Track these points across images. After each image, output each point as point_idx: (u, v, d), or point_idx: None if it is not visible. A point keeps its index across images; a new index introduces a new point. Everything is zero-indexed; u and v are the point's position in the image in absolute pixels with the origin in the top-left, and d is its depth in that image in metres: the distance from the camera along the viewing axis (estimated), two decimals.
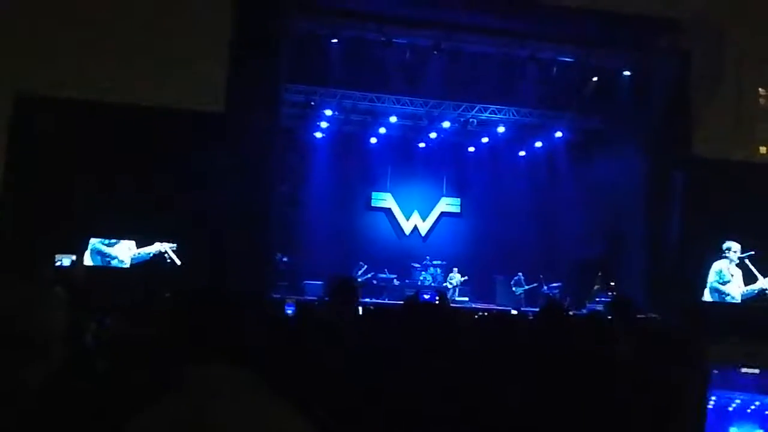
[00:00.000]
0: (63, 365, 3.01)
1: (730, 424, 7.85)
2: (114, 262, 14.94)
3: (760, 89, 65.06)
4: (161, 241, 15.06)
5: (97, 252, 14.91)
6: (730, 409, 8.83)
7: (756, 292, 17.04)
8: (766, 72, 63.89)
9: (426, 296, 7.60)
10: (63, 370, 2.98)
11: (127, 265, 14.98)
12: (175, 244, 15.07)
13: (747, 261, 16.94)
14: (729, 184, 16.10)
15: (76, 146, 14.25)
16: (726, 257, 17.05)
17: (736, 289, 17.04)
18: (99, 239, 14.96)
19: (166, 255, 15.01)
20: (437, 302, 5.41)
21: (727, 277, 17.05)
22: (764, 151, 63.00)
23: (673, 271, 16.00)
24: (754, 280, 17.03)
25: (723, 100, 17.82)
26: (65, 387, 2.69)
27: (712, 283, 17.03)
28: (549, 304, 3.36)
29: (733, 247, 16.98)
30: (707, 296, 16.93)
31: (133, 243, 15.09)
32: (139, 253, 15.05)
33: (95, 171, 14.20)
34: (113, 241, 15.07)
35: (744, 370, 11.44)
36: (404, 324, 2.36)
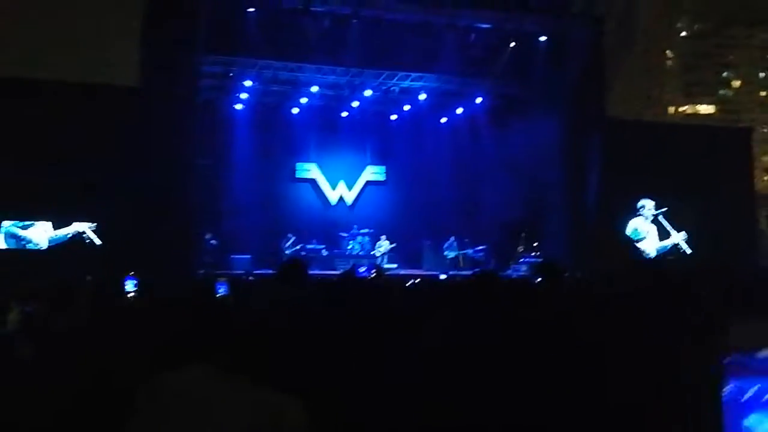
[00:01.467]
0: None
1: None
2: (30, 246, 14.32)
3: (668, 52, 67.47)
4: (79, 221, 14.52)
5: (11, 235, 14.26)
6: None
7: (669, 247, 17.86)
8: (674, 35, 66.26)
9: (362, 269, 7.60)
10: None
11: (44, 248, 14.40)
12: (94, 224, 14.55)
13: (661, 217, 17.70)
14: (641, 144, 16.73)
15: None
16: (641, 215, 17.76)
17: (651, 245, 17.80)
18: (12, 222, 14.30)
19: (85, 235, 14.49)
20: (373, 276, 5.43)
21: (643, 234, 17.78)
22: (672, 111, 65.64)
23: (592, 229, 16.56)
24: (668, 235, 17.83)
25: (635, 63, 18.36)
26: None
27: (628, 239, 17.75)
28: (482, 270, 3.42)
29: (647, 205, 17.70)
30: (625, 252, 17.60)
31: (49, 224, 14.49)
32: (56, 235, 14.47)
33: (6, 150, 13.53)
34: (28, 223, 14.44)
35: None
36: (344, 303, 2.37)
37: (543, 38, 16.65)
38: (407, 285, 5.03)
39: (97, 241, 14.44)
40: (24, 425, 2.30)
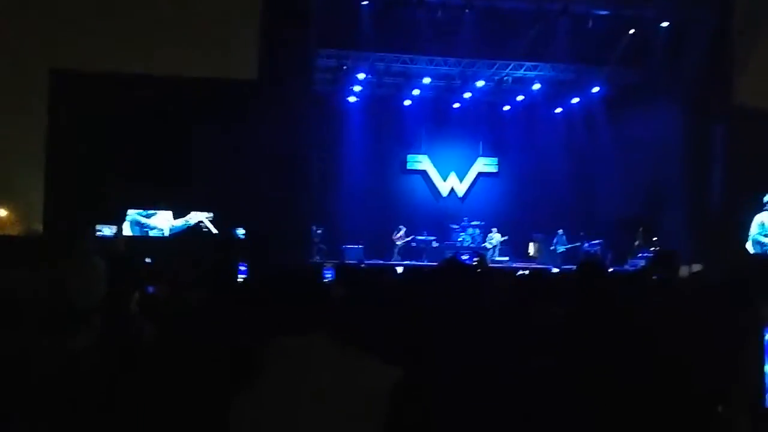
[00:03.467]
0: (109, 332, 3.09)
1: None
2: (153, 233, 15.19)
3: None
4: (198, 211, 15.25)
5: (135, 223, 15.17)
6: None
7: None
8: None
9: (464, 257, 7.57)
10: (109, 336, 3.07)
11: (166, 235, 15.23)
12: (211, 214, 15.24)
13: None
14: None
15: (112, 119, 14.46)
16: (767, 210, 16.71)
17: None
18: (137, 210, 15.21)
19: (202, 225, 15.21)
20: (476, 263, 5.39)
21: None
22: None
23: (715, 224, 15.70)
24: None
25: (766, 48, 17.18)
26: (113, 353, 2.77)
27: (754, 235, 16.72)
28: (586, 262, 3.31)
29: None
30: (749, 248, 16.63)
31: (170, 214, 15.31)
32: (176, 224, 15.28)
33: (132, 143, 14.40)
34: (151, 212, 15.30)
35: None
36: (440, 285, 2.37)
37: (665, 24, 15.89)
38: (517, 275, 4.96)
39: (214, 231, 15.11)
40: (153, 402, 2.42)
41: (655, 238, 16.74)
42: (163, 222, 15.29)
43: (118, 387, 2.49)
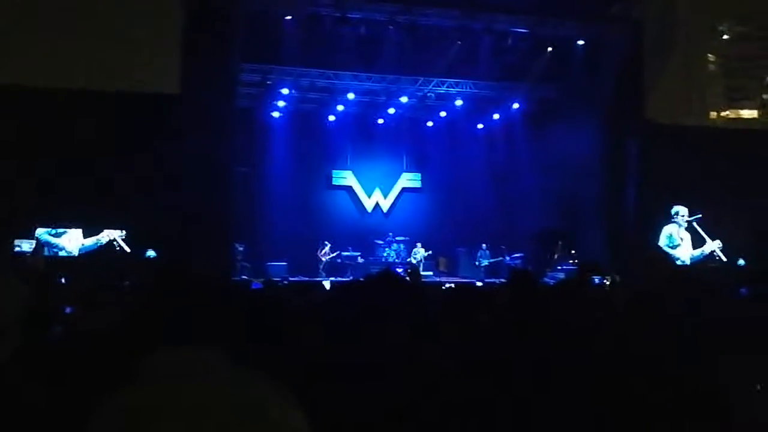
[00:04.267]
0: (30, 354, 2.94)
1: None
2: (61, 253, 14.58)
3: (709, 55, 66.29)
4: (111, 229, 14.74)
5: (44, 243, 14.55)
6: None
7: (704, 254, 17.46)
8: (716, 39, 65.10)
9: (398, 270, 7.60)
10: (31, 359, 2.92)
11: (75, 255, 14.65)
12: (123, 232, 14.76)
13: (695, 224, 17.32)
14: (679, 150, 16.38)
15: (27, 132, 13.87)
16: (675, 222, 17.41)
17: (685, 253, 17.43)
18: (46, 229, 14.59)
19: (115, 243, 14.71)
20: (409, 277, 5.41)
21: (677, 241, 17.43)
22: (714, 116, 64.37)
23: (629, 236, 16.31)
24: (702, 242, 17.44)
25: (675, 67, 18.05)
26: (34, 376, 2.63)
27: (662, 247, 17.41)
28: (518, 273, 3.38)
29: (681, 211, 17.35)
30: None
31: (80, 232, 14.73)
32: (85, 244, 14.72)
33: (44, 157, 13.84)
34: (60, 231, 14.70)
35: None
36: (375, 298, 2.35)
37: (581, 42, 16.49)
38: (444, 288, 4.99)
39: (127, 249, 14.64)
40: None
41: (573, 251, 17.25)
42: (72, 242, 14.67)
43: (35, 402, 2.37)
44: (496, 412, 2.02)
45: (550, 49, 16.59)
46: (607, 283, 10.11)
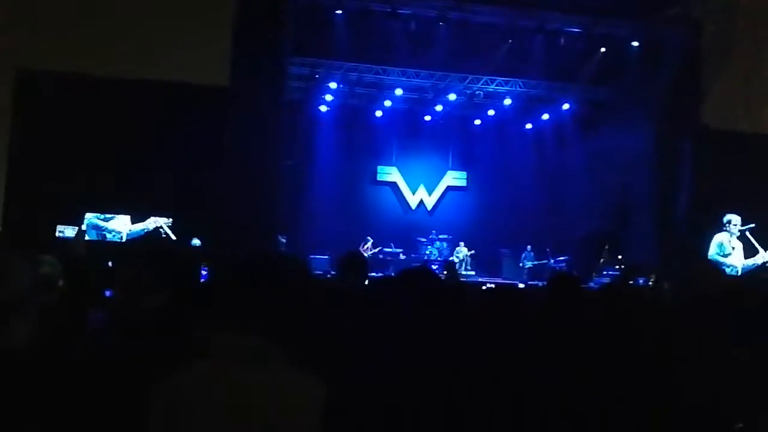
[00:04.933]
0: (66, 332, 2.97)
1: None
2: (109, 237, 14.90)
3: None
4: (158, 216, 14.99)
5: (93, 226, 14.86)
6: None
7: (756, 265, 16.89)
8: None
9: (434, 268, 7.51)
10: (66, 336, 2.95)
11: (124, 240, 14.95)
12: (170, 220, 14.99)
13: (748, 234, 16.78)
14: (735, 157, 15.87)
15: (78, 121, 14.16)
16: (726, 230, 16.88)
17: (737, 262, 16.90)
18: (95, 214, 14.92)
19: (161, 230, 14.94)
20: (445, 275, 5.34)
21: (728, 250, 16.90)
22: None
23: (678, 242, 15.89)
24: (755, 252, 16.88)
25: (733, 71, 17.49)
26: (71, 354, 2.65)
27: (712, 255, 16.89)
28: (559, 276, 3.27)
29: (734, 220, 16.80)
30: None
31: (128, 218, 15.04)
32: (132, 230, 15.01)
33: (96, 145, 14.11)
34: (109, 216, 15.03)
35: None
36: (406, 292, 2.29)
37: (635, 43, 16.13)
38: (483, 288, 4.91)
39: (173, 237, 14.85)
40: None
41: (620, 256, 16.90)
42: (121, 226, 14.99)
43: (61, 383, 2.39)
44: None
45: (603, 49, 16.26)
46: (651, 284, 9.88)
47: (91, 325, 3.28)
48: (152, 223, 14.98)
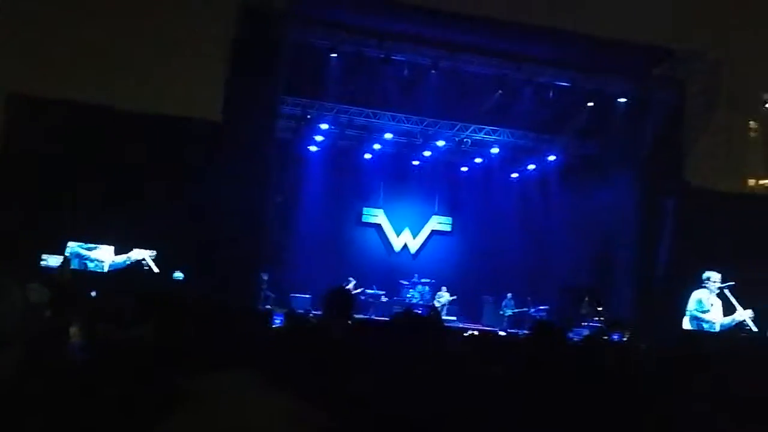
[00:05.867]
0: (48, 365, 2.99)
1: None
2: (91, 266, 14.78)
3: (751, 122, 65.70)
4: (141, 248, 14.93)
5: (75, 255, 14.76)
6: None
7: (734, 322, 17.04)
8: (759, 105, 64.61)
9: (418, 311, 7.54)
10: (47, 369, 2.96)
11: (105, 270, 14.84)
12: (154, 252, 14.92)
13: (726, 291, 16.96)
14: (714, 215, 16.15)
15: (67, 148, 14.15)
16: (705, 287, 17.06)
17: (715, 319, 17.05)
18: (78, 243, 14.82)
19: (144, 263, 14.86)
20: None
21: (707, 307, 17.05)
22: (752, 183, 63.46)
23: (658, 297, 16.04)
24: (733, 311, 17.05)
25: (715, 131, 17.92)
26: (51, 386, 2.67)
27: (691, 311, 17.04)
28: (542, 324, 3.34)
29: (713, 277, 16.98)
30: (686, 324, 16.96)
31: (111, 249, 14.95)
32: (115, 261, 14.92)
33: (84, 174, 14.08)
34: (93, 245, 14.93)
35: None
36: (398, 335, 2.35)
37: (622, 100, 16.49)
38: (465, 334, 4.97)
39: (155, 269, 14.76)
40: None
41: (600, 308, 16.99)
42: (104, 256, 14.91)
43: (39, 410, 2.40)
44: None
45: (590, 104, 16.60)
46: (625, 340, 9.96)
47: (76, 353, 3.29)
48: (135, 254, 14.91)
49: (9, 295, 2.27)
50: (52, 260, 14.02)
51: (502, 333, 13.60)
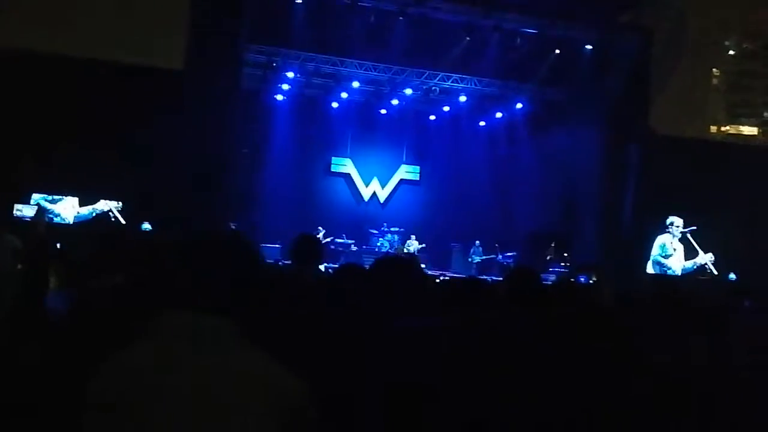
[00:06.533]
0: (25, 307, 2.97)
1: None
2: (57, 220, 14.56)
3: (714, 70, 66.34)
4: (107, 200, 14.73)
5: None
6: None
7: (696, 266, 17.55)
8: (722, 54, 65.16)
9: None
10: (24, 310, 2.95)
11: (71, 222, 14.63)
12: (120, 203, 14.74)
13: (689, 236, 17.40)
14: (678, 161, 16.43)
15: (26, 98, 13.76)
16: (669, 232, 17.48)
17: (677, 263, 17.52)
18: (42, 195, 14.57)
19: (110, 214, 14.68)
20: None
21: (670, 251, 17.52)
22: (714, 130, 64.47)
23: (623, 243, 16.38)
24: (695, 254, 17.52)
25: (680, 78, 18.09)
26: (25, 326, 2.66)
27: (655, 256, 17.49)
28: (520, 269, 3.38)
29: (676, 222, 17.43)
30: (650, 269, 17.39)
31: (76, 201, 14.72)
32: (80, 212, 14.70)
33: (45, 125, 13.74)
34: (57, 198, 14.69)
35: None
36: (379, 279, 2.36)
37: (589, 47, 16.48)
38: (437, 280, 5.03)
39: (122, 221, 14.61)
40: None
41: (566, 254, 17.31)
42: (68, 209, 14.67)
43: (28, 359, 2.40)
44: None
45: (557, 51, 16.58)
46: (591, 282, 10.19)
47: (56, 303, 3.27)
48: (101, 206, 14.71)
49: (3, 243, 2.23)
50: (27, 210, 13.76)
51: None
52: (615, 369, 2.22)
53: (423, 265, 17.67)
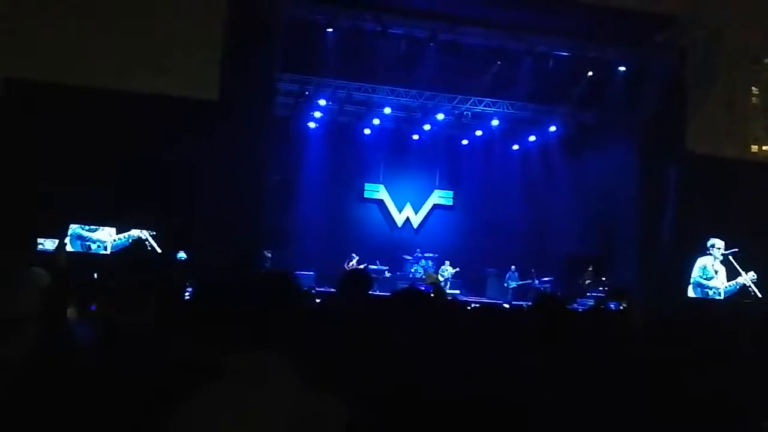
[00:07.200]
0: (46, 343, 2.96)
1: None
2: (94, 247, 14.79)
3: (753, 88, 65.25)
4: (142, 229, 14.93)
5: (77, 237, 14.76)
6: None
7: (738, 287, 17.13)
8: (760, 71, 64.16)
9: (421, 288, 7.51)
10: (46, 350, 2.94)
11: (108, 252, 14.84)
12: (154, 232, 14.93)
13: (731, 258, 17.00)
14: (718, 182, 16.12)
15: (65, 131, 14.05)
16: (710, 254, 17.11)
17: (720, 285, 17.12)
18: (79, 225, 14.82)
19: (146, 242, 14.88)
20: (433, 294, 5.38)
21: (711, 274, 17.14)
22: (755, 149, 63.24)
23: (662, 266, 16.04)
24: (737, 275, 17.10)
25: (717, 97, 17.79)
26: (48, 363, 2.65)
27: (695, 278, 17.11)
28: (543, 297, 3.31)
29: (717, 244, 17.07)
30: (690, 292, 17.00)
31: (113, 229, 14.97)
32: (118, 239, 14.92)
33: (83, 156, 14.00)
34: (94, 227, 14.94)
35: None
36: (400, 311, 2.31)
37: (622, 68, 16.32)
38: (469, 308, 4.96)
39: (158, 249, 14.78)
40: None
41: (604, 278, 17.00)
42: (105, 236, 14.92)
43: (52, 396, 2.38)
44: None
45: (590, 73, 16.44)
46: (622, 308, 9.98)
47: (77, 337, 3.26)
48: (136, 232, 14.92)
49: (25, 279, 2.25)
50: (48, 243, 13.99)
51: (506, 306, 13.60)
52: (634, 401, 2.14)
53: (457, 291, 17.64)
